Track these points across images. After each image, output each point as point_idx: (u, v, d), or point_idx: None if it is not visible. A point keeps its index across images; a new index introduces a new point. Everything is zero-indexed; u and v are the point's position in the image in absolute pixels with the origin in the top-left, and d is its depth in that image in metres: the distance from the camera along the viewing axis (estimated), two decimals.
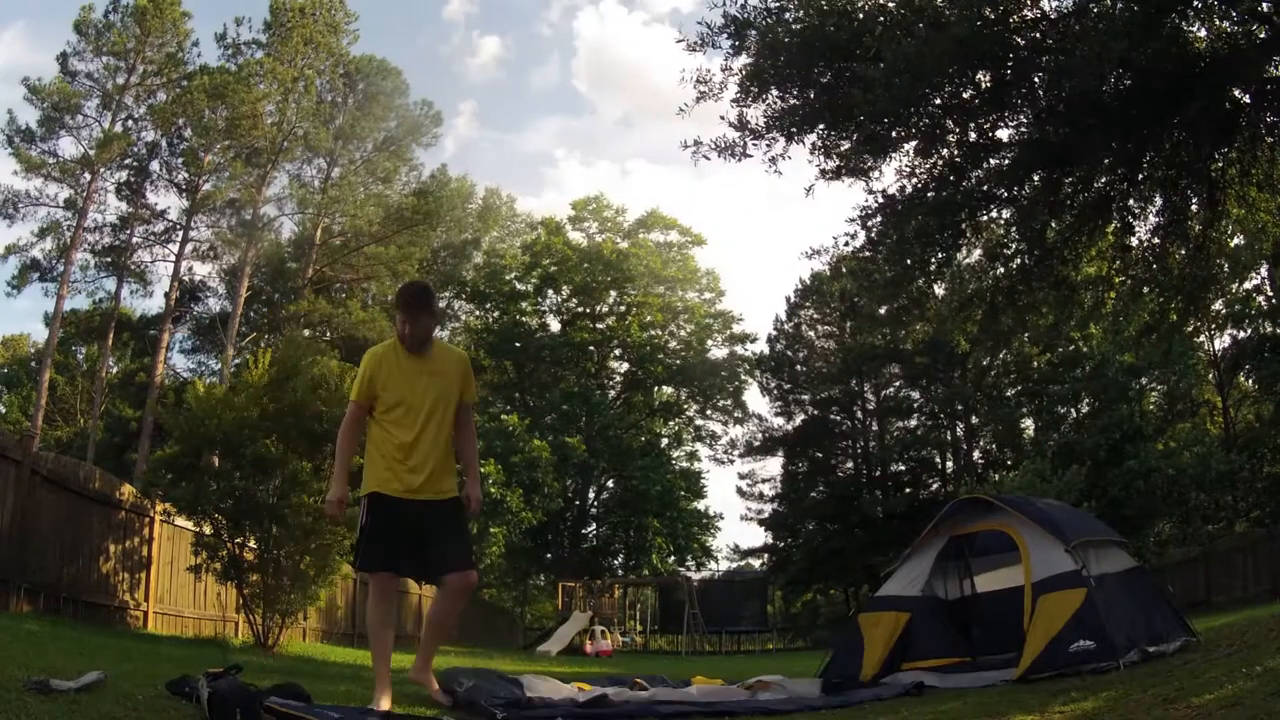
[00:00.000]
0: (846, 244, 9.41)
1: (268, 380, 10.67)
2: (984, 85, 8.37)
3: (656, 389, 41.59)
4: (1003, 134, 9.00)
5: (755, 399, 73.77)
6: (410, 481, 4.56)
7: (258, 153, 31.00)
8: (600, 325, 40.40)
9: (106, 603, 9.79)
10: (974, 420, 36.60)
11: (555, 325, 40.81)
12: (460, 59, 77.51)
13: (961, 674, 6.18)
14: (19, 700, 3.18)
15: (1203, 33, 8.32)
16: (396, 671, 5.00)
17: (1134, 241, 9.97)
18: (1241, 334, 26.16)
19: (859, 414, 39.04)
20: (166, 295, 31.66)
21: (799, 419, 39.07)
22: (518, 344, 38.84)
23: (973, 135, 8.95)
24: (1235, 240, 10.57)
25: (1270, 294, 23.84)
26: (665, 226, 42.14)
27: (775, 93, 8.66)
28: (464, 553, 4.79)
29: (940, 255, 9.56)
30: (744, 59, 8.74)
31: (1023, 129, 8.90)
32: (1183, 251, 9.84)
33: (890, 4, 8.19)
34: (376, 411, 4.69)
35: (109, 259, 31.27)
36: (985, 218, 9.70)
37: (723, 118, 8.80)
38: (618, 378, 42.41)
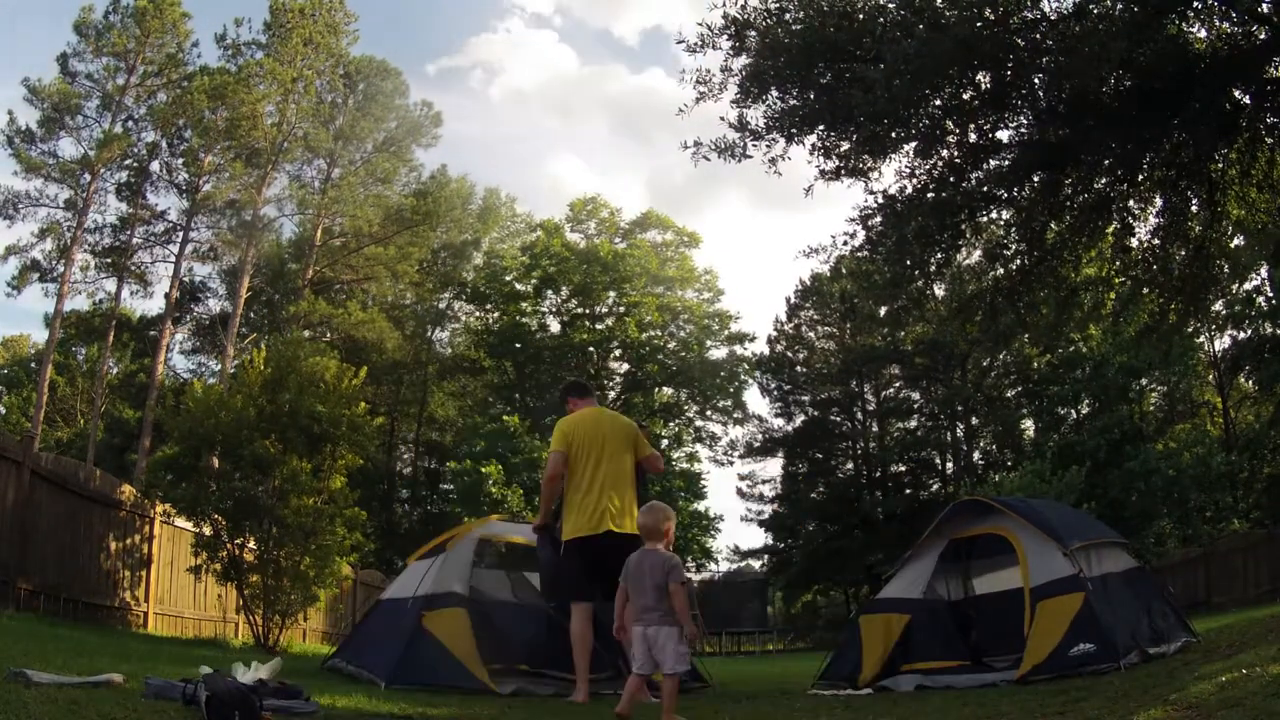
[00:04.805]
0: (845, 244, 9.40)
1: (263, 381, 10.66)
2: (984, 86, 8.37)
3: (656, 390, 41.53)
4: (1003, 135, 9.01)
5: (755, 400, 73.86)
6: None
7: (258, 153, 30.96)
8: (599, 326, 40.35)
9: (106, 603, 9.78)
10: (974, 421, 36.54)
11: (555, 326, 40.79)
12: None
13: (961, 676, 6.18)
14: (18, 700, 3.19)
15: (1203, 33, 8.32)
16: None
17: (1134, 242, 9.97)
18: (1241, 335, 26.16)
19: (859, 415, 38.98)
20: (166, 296, 31.64)
21: (799, 420, 39.00)
22: (518, 345, 38.81)
23: (973, 136, 8.94)
24: (1235, 241, 10.56)
25: (1270, 294, 23.83)
26: (662, 226, 42.23)
27: (775, 93, 8.66)
28: None
29: (940, 256, 9.55)
30: (744, 60, 8.75)
31: (1023, 130, 8.90)
32: (1183, 252, 9.83)
33: (890, 4, 8.19)
34: None
35: (109, 259, 31.19)
36: (985, 218, 9.69)
37: (723, 118, 8.80)
38: (618, 378, 42.37)
